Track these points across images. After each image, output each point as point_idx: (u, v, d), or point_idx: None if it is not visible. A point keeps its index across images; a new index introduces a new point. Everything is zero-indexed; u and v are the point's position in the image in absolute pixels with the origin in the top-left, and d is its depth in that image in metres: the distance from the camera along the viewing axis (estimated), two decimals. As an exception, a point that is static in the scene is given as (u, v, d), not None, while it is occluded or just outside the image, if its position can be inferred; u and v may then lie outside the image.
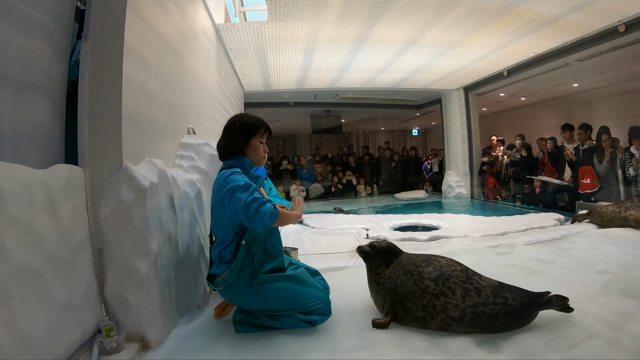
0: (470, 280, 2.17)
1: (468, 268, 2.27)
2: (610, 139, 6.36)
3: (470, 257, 3.61)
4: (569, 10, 4.97)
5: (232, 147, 2.33)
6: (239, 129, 2.33)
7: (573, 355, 1.89)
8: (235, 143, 2.32)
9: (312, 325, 2.21)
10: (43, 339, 1.54)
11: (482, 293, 2.11)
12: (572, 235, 4.50)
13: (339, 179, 12.04)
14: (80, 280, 1.87)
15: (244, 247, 2.15)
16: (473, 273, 2.23)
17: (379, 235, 5.18)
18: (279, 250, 2.36)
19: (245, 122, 2.35)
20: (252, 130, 2.35)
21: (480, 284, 2.16)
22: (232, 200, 2.06)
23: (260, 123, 2.38)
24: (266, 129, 2.40)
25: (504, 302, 2.09)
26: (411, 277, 2.24)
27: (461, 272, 2.21)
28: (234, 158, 2.32)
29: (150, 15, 2.61)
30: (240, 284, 2.15)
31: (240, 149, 2.32)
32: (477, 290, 2.12)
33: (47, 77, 2.01)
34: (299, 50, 6.47)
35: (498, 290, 2.14)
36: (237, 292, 2.19)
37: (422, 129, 17.51)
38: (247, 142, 2.33)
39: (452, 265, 2.26)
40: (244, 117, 2.39)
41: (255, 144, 2.36)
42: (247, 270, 2.16)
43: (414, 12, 5.01)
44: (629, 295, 2.59)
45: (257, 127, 2.36)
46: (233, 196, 2.06)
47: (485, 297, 2.10)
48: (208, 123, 4.55)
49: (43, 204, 1.67)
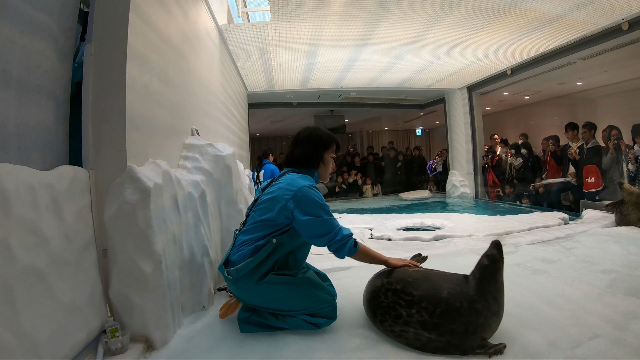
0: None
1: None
2: (619, 133, 6.34)
3: (474, 257, 3.55)
4: (572, 9, 4.95)
5: (308, 159, 2.37)
6: (317, 141, 2.38)
7: (578, 355, 1.88)
8: (314, 155, 2.37)
9: (317, 327, 2.21)
10: (48, 339, 1.55)
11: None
12: (577, 234, 4.47)
13: (344, 179, 12.04)
14: (85, 281, 1.88)
15: (272, 245, 2.15)
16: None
17: (383, 235, 5.18)
18: (299, 264, 2.35)
19: (320, 135, 2.40)
20: (327, 144, 2.40)
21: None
22: (313, 218, 2.10)
23: (333, 138, 2.45)
24: (337, 145, 2.49)
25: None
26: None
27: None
28: (306, 169, 2.36)
29: (153, 16, 2.62)
30: (251, 280, 2.16)
31: (316, 161, 2.38)
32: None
33: (51, 79, 2.02)
34: (302, 50, 6.48)
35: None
36: (245, 287, 2.19)
37: (426, 128, 17.49)
38: (322, 156, 2.39)
39: None
40: (319, 130, 2.44)
41: (327, 159, 2.42)
42: (263, 269, 2.16)
43: (417, 12, 5.01)
44: (634, 295, 2.58)
45: (331, 142, 2.42)
46: (313, 215, 2.10)
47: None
48: (212, 124, 4.56)
49: (48, 206, 1.68)
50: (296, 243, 2.23)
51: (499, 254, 2.03)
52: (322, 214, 2.11)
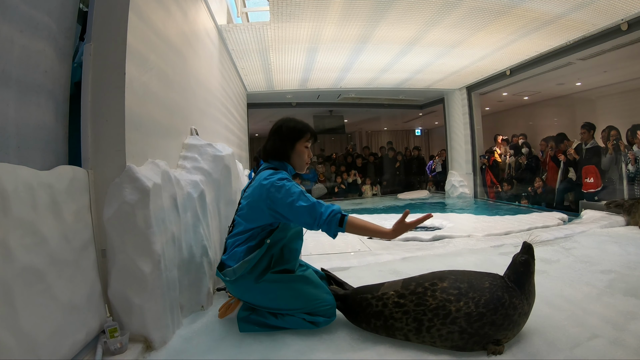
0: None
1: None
2: (618, 134, 6.35)
3: (473, 257, 3.60)
4: (572, 9, 4.96)
5: (278, 151, 2.36)
6: (286, 133, 2.36)
7: (577, 355, 1.88)
8: (282, 147, 2.35)
9: (316, 326, 2.21)
10: (47, 339, 1.55)
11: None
12: (576, 234, 4.48)
13: (342, 180, 12.03)
14: (84, 281, 1.88)
15: (266, 246, 2.16)
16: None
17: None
18: (294, 255, 2.36)
19: (291, 126, 2.38)
20: (298, 135, 2.37)
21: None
22: (293, 210, 2.08)
23: (306, 128, 2.41)
24: (312, 134, 2.43)
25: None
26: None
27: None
28: (278, 162, 2.36)
29: (152, 16, 2.61)
30: (250, 279, 2.17)
31: (286, 153, 2.36)
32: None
33: (51, 79, 2.02)
34: (302, 50, 6.48)
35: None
36: (245, 287, 2.20)
37: (425, 128, 17.48)
38: (292, 146, 2.36)
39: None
40: (290, 121, 2.42)
41: (300, 149, 2.38)
42: (260, 267, 2.18)
43: (416, 12, 5.01)
44: (633, 295, 2.58)
45: (303, 132, 2.39)
46: (293, 207, 2.07)
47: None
48: (211, 124, 4.56)
49: (47, 205, 1.68)
50: (288, 235, 2.24)
51: (531, 256, 2.04)
52: (299, 202, 2.07)
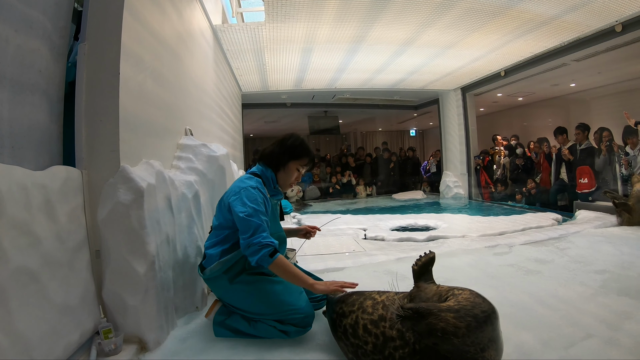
0: None
1: None
2: (611, 135, 6.39)
3: (468, 257, 3.61)
4: (566, 11, 4.99)
5: (272, 158, 2.37)
6: (287, 146, 2.36)
7: (571, 355, 1.89)
8: (277, 157, 2.35)
9: (286, 336, 2.13)
10: (41, 340, 1.53)
11: None
12: (570, 234, 4.51)
13: (337, 180, 12.04)
14: (78, 282, 1.87)
15: (239, 252, 2.17)
16: None
17: (377, 235, 5.19)
18: None
19: (296, 144, 2.37)
20: (297, 154, 2.36)
21: None
22: (239, 218, 2.06)
23: (307, 152, 2.39)
24: (310, 161, 2.43)
25: None
26: None
27: None
28: (265, 168, 2.36)
29: (147, 16, 2.60)
30: (224, 278, 2.19)
31: (278, 164, 2.36)
32: None
33: (45, 78, 2.01)
34: (297, 51, 6.47)
35: None
36: (220, 286, 2.23)
37: (420, 129, 17.52)
38: (286, 161, 2.35)
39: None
40: (298, 139, 2.40)
41: (292, 168, 2.37)
42: (236, 269, 2.19)
43: (411, 13, 5.01)
44: (627, 295, 2.60)
45: (302, 155, 2.38)
46: (239, 215, 2.06)
47: None
48: (206, 124, 4.55)
49: (40, 206, 1.67)
50: None
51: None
52: (249, 212, 2.05)
